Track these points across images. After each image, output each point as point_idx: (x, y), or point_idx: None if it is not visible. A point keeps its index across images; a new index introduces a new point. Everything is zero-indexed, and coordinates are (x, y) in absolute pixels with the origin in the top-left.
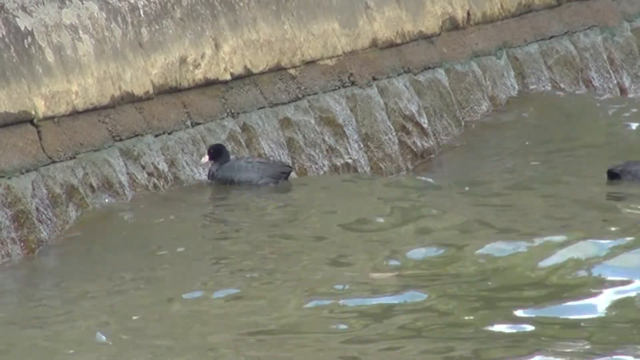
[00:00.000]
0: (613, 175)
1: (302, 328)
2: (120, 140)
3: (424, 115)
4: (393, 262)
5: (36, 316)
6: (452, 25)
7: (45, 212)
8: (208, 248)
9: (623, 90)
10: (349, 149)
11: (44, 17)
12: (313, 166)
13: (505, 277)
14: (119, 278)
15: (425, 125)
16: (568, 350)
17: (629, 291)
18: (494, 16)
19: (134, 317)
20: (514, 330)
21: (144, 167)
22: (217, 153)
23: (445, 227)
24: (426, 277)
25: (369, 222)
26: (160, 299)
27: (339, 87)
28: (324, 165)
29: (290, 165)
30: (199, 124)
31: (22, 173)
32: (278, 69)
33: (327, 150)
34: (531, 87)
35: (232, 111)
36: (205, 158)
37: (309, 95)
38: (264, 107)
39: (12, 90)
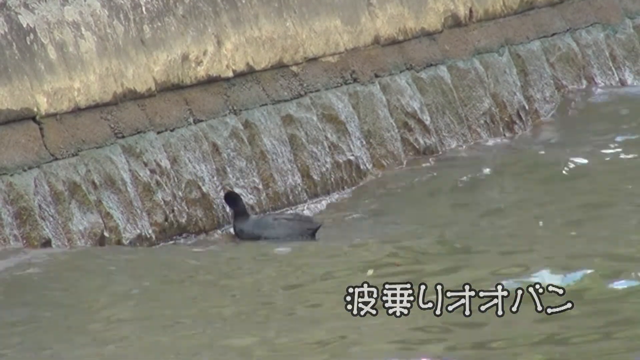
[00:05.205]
0: None
1: None
2: (123, 137)
3: (426, 112)
4: None
5: None
6: (455, 22)
7: (48, 209)
8: None
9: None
10: (351, 146)
11: (46, 14)
12: (315, 163)
13: None
14: None
15: (427, 122)
16: None
17: None
18: (496, 13)
19: None
20: None
21: (146, 164)
22: (233, 202)
23: None
24: None
25: None
26: None
27: (341, 84)
28: (326, 162)
29: (318, 222)
30: (201, 120)
31: (25, 170)
32: (280, 66)
33: (329, 147)
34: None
35: (235, 108)
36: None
37: (311, 92)
38: (266, 104)
39: (14, 87)
